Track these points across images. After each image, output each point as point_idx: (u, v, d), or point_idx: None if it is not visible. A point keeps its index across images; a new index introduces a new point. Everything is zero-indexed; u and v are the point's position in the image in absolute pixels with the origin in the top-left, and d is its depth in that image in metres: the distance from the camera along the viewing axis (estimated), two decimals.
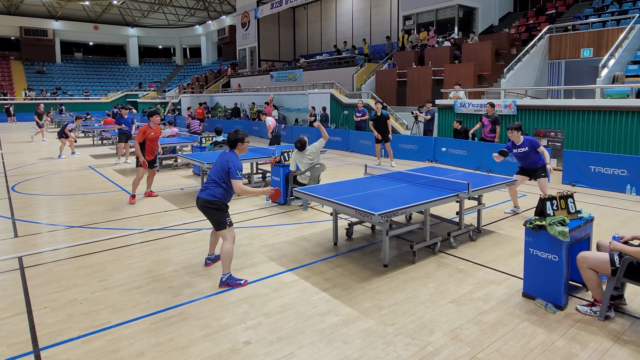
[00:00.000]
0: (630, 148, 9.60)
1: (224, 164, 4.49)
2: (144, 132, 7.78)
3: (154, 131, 7.96)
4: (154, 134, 7.96)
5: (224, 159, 4.53)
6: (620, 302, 3.88)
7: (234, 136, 4.60)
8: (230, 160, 4.46)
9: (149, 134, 7.84)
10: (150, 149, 8.04)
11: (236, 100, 27.10)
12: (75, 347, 3.38)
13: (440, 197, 5.02)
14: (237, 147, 4.61)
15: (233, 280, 4.43)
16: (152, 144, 8.02)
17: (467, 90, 13.87)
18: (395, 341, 3.40)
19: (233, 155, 4.54)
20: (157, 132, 8.07)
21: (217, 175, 4.51)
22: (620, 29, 13.62)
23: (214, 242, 5.01)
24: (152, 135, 7.90)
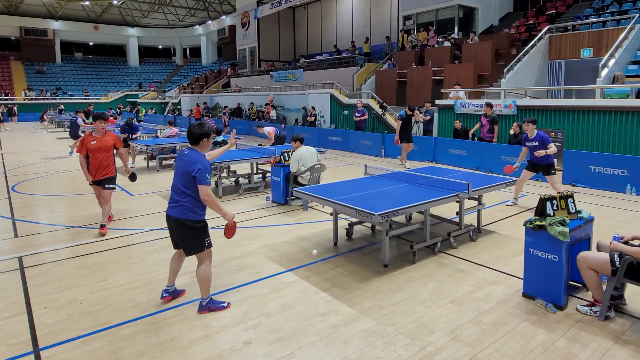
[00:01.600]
0: (630, 148, 9.59)
1: (189, 166, 3.72)
2: (83, 143, 6.05)
3: (97, 140, 6.04)
4: (96, 144, 6.02)
5: (187, 160, 3.76)
6: (621, 302, 3.88)
7: (199, 130, 3.82)
8: (197, 161, 3.72)
9: (89, 143, 6.02)
10: (95, 164, 6.09)
11: (236, 100, 27.13)
12: (75, 347, 3.38)
13: (440, 197, 5.02)
14: (200, 144, 3.86)
15: (215, 304, 3.93)
16: (97, 157, 6.07)
17: (467, 91, 13.87)
18: (395, 341, 3.40)
19: (198, 155, 3.80)
20: (105, 141, 6.11)
21: (184, 183, 3.75)
22: (620, 29, 13.62)
23: (175, 270, 4.13)
24: (93, 145, 6.01)
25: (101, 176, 6.14)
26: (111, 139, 6.22)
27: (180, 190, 3.78)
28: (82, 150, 6.05)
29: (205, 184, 3.69)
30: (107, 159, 6.14)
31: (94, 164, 6.08)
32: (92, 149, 6.02)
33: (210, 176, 3.76)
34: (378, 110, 16.65)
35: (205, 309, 3.88)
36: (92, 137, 6.07)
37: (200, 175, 3.66)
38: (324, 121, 19.51)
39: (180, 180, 3.79)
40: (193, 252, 3.84)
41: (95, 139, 6.04)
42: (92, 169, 6.10)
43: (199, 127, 3.85)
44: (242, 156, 9.01)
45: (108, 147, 6.16)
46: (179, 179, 3.81)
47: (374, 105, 16.89)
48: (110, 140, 6.20)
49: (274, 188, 7.96)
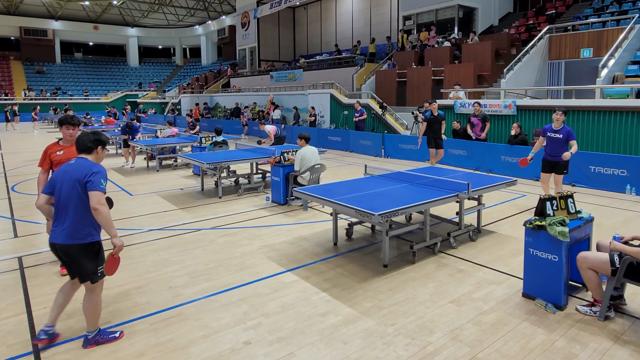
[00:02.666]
0: (630, 148, 9.60)
1: (79, 172, 3.22)
2: (46, 154, 4.58)
3: (65, 150, 4.56)
4: (64, 155, 4.49)
5: (77, 167, 3.26)
6: (620, 302, 3.88)
7: (96, 137, 3.40)
8: (92, 165, 3.27)
9: (54, 154, 4.55)
10: None
11: (236, 100, 27.13)
12: (75, 347, 3.38)
13: (440, 197, 5.02)
14: (93, 153, 3.40)
15: (104, 336, 3.45)
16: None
17: (467, 91, 13.88)
18: (395, 341, 3.40)
19: (87, 162, 3.33)
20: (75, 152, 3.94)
21: (72, 197, 3.20)
22: (620, 29, 13.63)
23: (62, 304, 3.45)
24: (59, 156, 4.51)
25: None
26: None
27: (67, 208, 3.22)
28: (43, 164, 4.50)
29: (99, 189, 3.18)
30: None
31: None
32: (58, 162, 4.41)
33: (105, 183, 3.25)
34: (378, 111, 16.66)
35: (93, 342, 3.39)
36: (58, 147, 4.57)
37: (95, 179, 3.18)
38: (323, 121, 19.52)
39: (68, 194, 3.21)
40: (85, 278, 3.31)
41: (62, 149, 4.53)
42: None
43: (94, 134, 3.44)
44: (242, 156, 9.02)
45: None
46: (67, 194, 3.22)
47: (374, 106, 16.90)
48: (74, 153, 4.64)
49: (273, 188, 7.96)
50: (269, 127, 13.86)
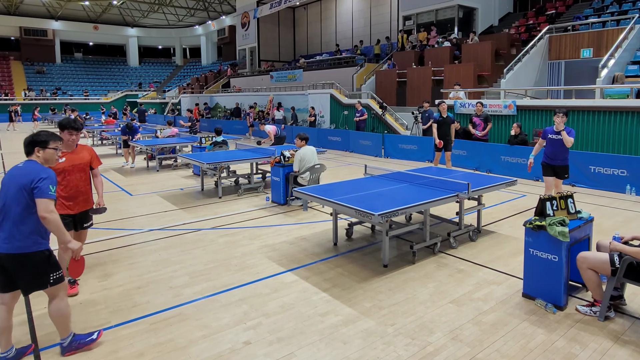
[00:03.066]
0: (630, 148, 9.60)
1: (25, 177, 3.00)
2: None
3: (67, 156, 4.18)
4: (66, 162, 4.17)
5: (23, 172, 3.05)
6: (620, 303, 3.88)
7: (30, 138, 3.17)
8: (39, 170, 3.05)
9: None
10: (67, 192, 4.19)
11: (236, 100, 27.14)
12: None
13: (440, 198, 5.02)
14: (35, 153, 3.17)
15: (80, 340, 3.33)
16: (68, 181, 4.20)
17: (467, 91, 13.88)
18: (395, 341, 3.40)
19: (36, 164, 3.12)
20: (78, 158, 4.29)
21: (16, 203, 2.99)
22: (620, 30, 13.63)
23: (6, 327, 3.18)
24: (61, 164, 4.10)
25: (78, 209, 4.26)
26: (87, 154, 4.39)
27: (10, 214, 3.00)
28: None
29: (46, 197, 2.96)
30: (83, 183, 4.29)
31: (66, 191, 4.14)
32: (60, 170, 4.00)
33: (54, 189, 3.03)
34: (378, 111, 16.66)
35: (70, 349, 3.28)
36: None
37: (42, 186, 2.96)
38: (323, 121, 19.52)
39: (13, 199, 3.00)
40: (39, 286, 3.13)
41: (63, 155, 4.06)
42: (63, 199, 4.12)
43: (32, 135, 3.22)
44: (242, 156, 9.02)
45: (83, 166, 4.29)
46: (12, 199, 3.00)
47: (374, 106, 16.90)
48: (86, 155, 4.35)
49: (273, 188, 7.96)
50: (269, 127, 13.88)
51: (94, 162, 4.49)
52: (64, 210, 4.11)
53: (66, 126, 4.19)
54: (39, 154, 3.18)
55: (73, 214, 4.24)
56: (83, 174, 4.31)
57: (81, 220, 4.38)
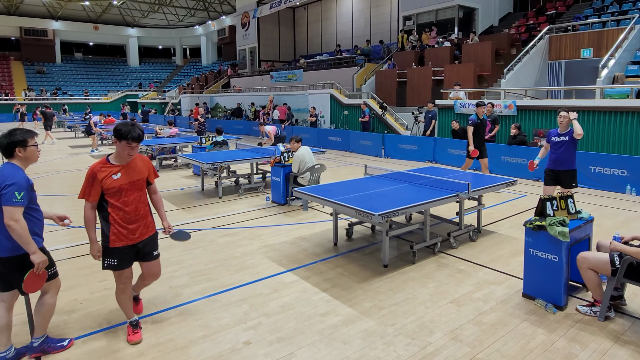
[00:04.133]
0: (630, 148, 9.60)
1: None
2: (93, 178, 3.24)
3: (123, 170, 3.31)
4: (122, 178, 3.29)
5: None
6: (620, 303, 3.88)
7: (7, 139, 3.02)
8: (8, 176, 2.91)
9: (108, 178, 3.25)
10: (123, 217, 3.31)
11: (237, 100, 27.15)
12: (75, 347, 3.38)
13: (440, 198, 5.02)
14: (15, 156, 3.04)
15: (52, 344, 3.28)
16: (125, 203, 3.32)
17: (467, 91, 13.88)
18: (395, 341, 3.40)
19: (10, 169, 2.98)
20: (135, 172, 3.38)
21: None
22: (620, 30, 13.63)
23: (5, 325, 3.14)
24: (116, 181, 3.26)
25: (140, 236, 3.38)
26: (144, 166, 3.45)
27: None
28: (90, 193, 3.23)
29: (11, 204, 2.85)
30: (143, 204, 3.41)
31: (123, 216, 3.27)
32: (114, 189, 3.22)
33: (21, 195, 2.90)
34: (378, 111, 16.66)
35: (37, 351, 3.20)
36: (111, 167, 3.26)
37: (8, 193, 2.85)
38: (324, 121, 19.53)
39: None
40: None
41: (118, 169, 3.25)
42: (121, 226, 3.28)
43: (7, 136, 3.04)
44: (242, 156, 9.02)
45: (141, 183, 3.41)
46: None
47: (374, 106, 16.90)
48: (142, 169, 3.42)
49: (274, 188, 7.96)
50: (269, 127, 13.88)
51: (152, 176, 3.53)
52: (122, 240, 3.27)
53: (125, 135, 3.17)
54: (20, 154, 3.05)
55: (135, 244, 3.36)
56: (141, 192, 3.42)
57: (148, 249, 3.48)
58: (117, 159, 3.29)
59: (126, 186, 3.28)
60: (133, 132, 3.20)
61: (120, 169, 3.28)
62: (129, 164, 3.33)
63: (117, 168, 3.27)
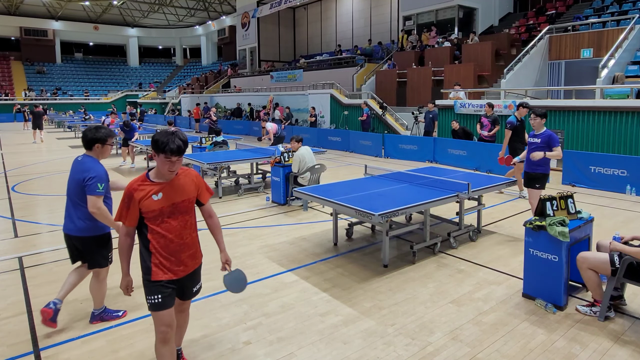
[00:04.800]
0: (630, 148, 9.60)
1: (80, 173, 3.36)
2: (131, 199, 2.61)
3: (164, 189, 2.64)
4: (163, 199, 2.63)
5: (80, 168, 3.41)
6: (620, 303, 3.88)
7: (92, 134, 3.45)
8: (88, 169, 3.34)
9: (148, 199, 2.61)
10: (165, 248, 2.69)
11: (237, 100, 27.17)
12: (75, 347, 3.38)
13: (441, 198, 5.02)
14: (94, 150, 3.48)
15: (109, 314, 3.78)
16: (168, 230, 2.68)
17: (467, 91, 13.88)
18: (395, 341, 3.40)
19: (90, 161, 3.42)
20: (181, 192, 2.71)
21: (76, 194, 3.42)
22: (620, 30, 13.63)
23: (74, 283, 3.66)
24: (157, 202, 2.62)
25: (185, 270, 2.76)
26: (192, 184, 2.78)
27: (76, 204, 3.42)
28: (128, 216, 2.65)
29: (94, 194, 3.30)
30: (189, 231, 2.80)
31: (164, 245, 2.68)
32: (154, 213, 2.63)
33: (103, 186, 3.34)
34: (378, 111, 16.67)
35: (97, 319, 3.73)
36: (151, 185, 2.63)
37: (91, 184, 3.29)
38: (324, 121, 19.53)
39: (75, 191, 3.41)
40: (92, 265, 3.58)
41: (159, 188, 2.63)
42: (161, 256, 2.68)
43: (93, 131, 3.46)
44: (242, 156, 9.02)
45: (188, 204, 2.77)
46: (73, 190, 3.43)
47: (374, 106, 16.90)
48: (190, 187, 2.76)
49: (274, 188, 7.96)
50: (270, 125, 13.89)
51: (204, 195, 2.88)
52: (166, 273, 2.66)
53: (162, 147, 2.49)
54: (97, 149, 3.48)
55: (178, 279, 2.73)
56: (188, 216, 2.75)
57: (189, 283, 2.85)
58: (158, 175, 2.65)
59: (168, 209, 2.63)
60: (171, 144, 2.51)
61: (162, 187, 2.62)
62: (172, 182, 2.66)
63: (157, 187, 2.61)
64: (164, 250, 2.68)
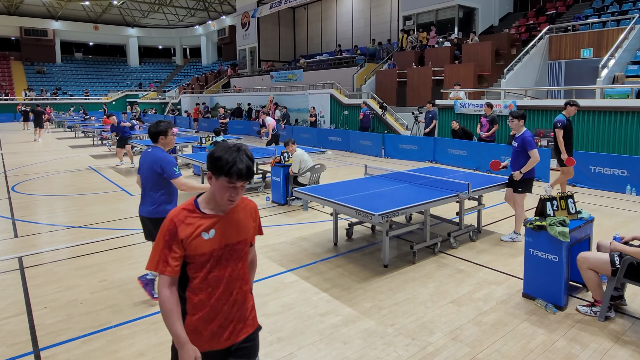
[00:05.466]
0: (630, 148, 9.60)
1: (152, 165, 3.89)
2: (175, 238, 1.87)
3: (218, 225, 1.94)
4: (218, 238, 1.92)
5: (150, 160, 3.93)
6: (621, 303, 3.88)
7: (155, 128, 3.98)
8: (160, 159, 3.87)
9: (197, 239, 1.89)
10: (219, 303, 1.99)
11: (237, 100, 27.16)
12: (75, 347, 3.38)
13: (441, 198, 5.02)
14: (159, 142, 4.02)
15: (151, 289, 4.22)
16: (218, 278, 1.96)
17: (467, 91, 13.87)
18: (395, 341, 3.40)
19: (159, 152, 3.96)
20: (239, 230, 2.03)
21: (150, 182, 3.94)
22: (620, 30, 13.63)
23: None
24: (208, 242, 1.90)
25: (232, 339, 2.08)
26: (248, 217, 2.13)
27: (149, 188, 3.95)
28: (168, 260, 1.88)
29: (175, 177, 3.85)
30: (239, 283, 2.07)
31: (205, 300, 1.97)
32: (203, 258, 1.92)
33: (177, 168, 3.89)
34: (378, 111, 16.67)
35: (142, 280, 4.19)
36: (200, 218, 1.93)
37: (167, 170, 3.83)
38: (324, 121, 19.52)
39: (149, 179, 3.94)
40: None
41: (210, 223, 1.93)
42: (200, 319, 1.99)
43: (155, 126, 3.99)
44: None
45: (242, 248, 2.06)
46: (147, 178, 3.95)
47: (374, 106, 16.90)
48: (248, 223, 2.11)
49: (274, 188, 7.96)
50: (269, 120, 13.89)
51: (255, 233, 2.24)
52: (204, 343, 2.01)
53: (226, 169, 1.83)
54: (162, 140, 3.96)
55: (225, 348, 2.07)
56: (241, 264, 2.06)
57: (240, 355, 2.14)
58: (211, 205, 1.93)
59: (219, 252, 1.93)
60: (239, 163, 1.84)
61: (215, 222, 1.93)
62: (228, 215, 1.97)
63: (209, 221, 1.92)
64: (204, 310, 1.95)
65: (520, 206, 5.67)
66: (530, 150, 5.45)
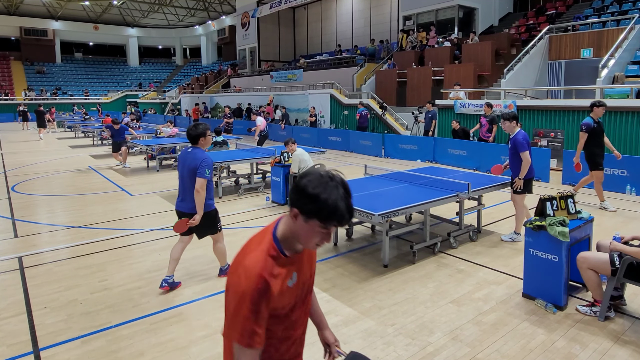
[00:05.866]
0: (630, 148, 9.60)
1: (193, 162, 4.14)
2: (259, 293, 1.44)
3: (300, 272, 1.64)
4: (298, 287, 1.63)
5: (192, 157, 4.18)
6: (620, 303, 3.88)
7: (194, 131, 4.24)
8: (201, 158, 4.13)
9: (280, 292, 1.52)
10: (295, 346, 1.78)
11: (237, 100, 27.16)
12: (75, 347, 3.38)
13: (440, 198, 5.02)
14: (199, 143, 4.30)
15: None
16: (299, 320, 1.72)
17: (467, 91, 13.87)
18: (395, 341, 3.40)
19: (200, 152, 4.22)
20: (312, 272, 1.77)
21: (190, 178, 4.18)
22: (620, 30, 13.63)
23: (176, 259, 4.39)
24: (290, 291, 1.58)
25: None
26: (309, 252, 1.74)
27: (190, 185, 4.17)
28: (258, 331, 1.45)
29: (203, 177, 4.08)
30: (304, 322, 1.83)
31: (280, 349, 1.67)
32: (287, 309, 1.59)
33: (210, 172, 4.12)
34: (378, 111, 16.67)
35: (224, 273, 4.58)
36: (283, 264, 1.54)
37: (200, 169, 4.08)
38: (324, 121, 19.52)
39: (188, 176, 4.17)
40: (210, 233, 4.41)
41: (293, 269, 1.59)
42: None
43: (194, 129, 4.25)
44: (242, 156, 9.01)
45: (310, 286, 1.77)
46: (187, 175, 4.18)
47: (374, 106, 16.90)
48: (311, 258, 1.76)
49: (274, 188, 7.96)
50: (260, 120, 13.89)
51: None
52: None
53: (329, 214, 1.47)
54: (201, 142, 4.24)
55: None
56: (310, 296, 1.81)
57: None
58: (291, 244, 1.59)
59: (300, 300, 1.68)
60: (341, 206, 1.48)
61: (295, 265, 1.63)
62: (302, 257, 1.67)
63: (293, 265, 1.61)
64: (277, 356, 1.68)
65: (520, 206, 5.72)
66: (522, 152, 5.44)
